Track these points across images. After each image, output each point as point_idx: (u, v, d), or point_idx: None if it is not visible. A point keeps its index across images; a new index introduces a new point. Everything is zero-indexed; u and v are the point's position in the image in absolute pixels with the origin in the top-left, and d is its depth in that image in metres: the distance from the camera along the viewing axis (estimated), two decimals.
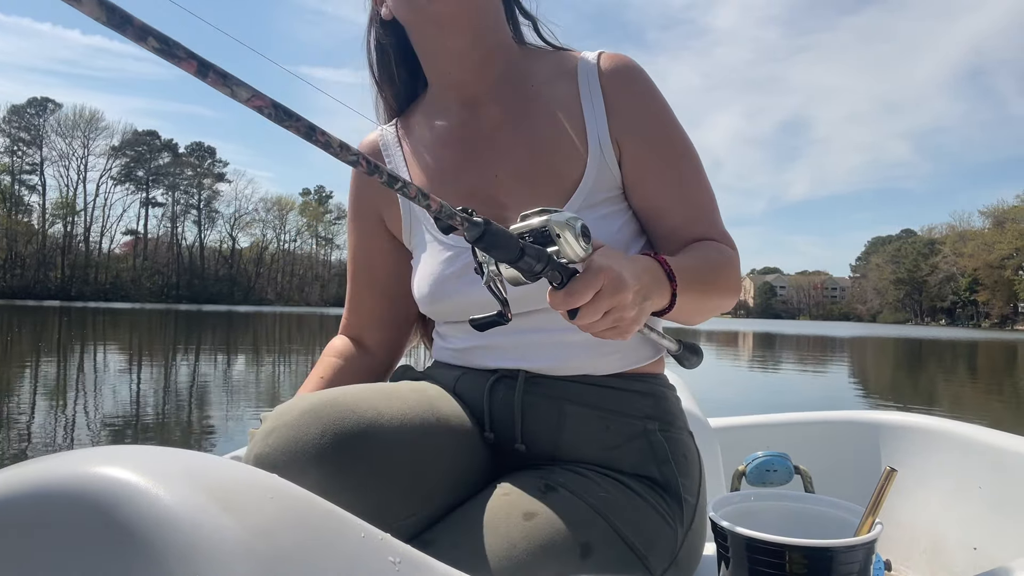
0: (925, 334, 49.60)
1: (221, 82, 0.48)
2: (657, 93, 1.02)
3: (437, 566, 0.53)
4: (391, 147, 1.11)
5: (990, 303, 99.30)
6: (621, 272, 0.74)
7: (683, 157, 1.01)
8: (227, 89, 0.49)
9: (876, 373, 13.19)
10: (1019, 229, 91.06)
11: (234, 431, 5.42)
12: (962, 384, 12.49)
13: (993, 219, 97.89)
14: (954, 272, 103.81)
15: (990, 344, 32.84)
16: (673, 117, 1.02)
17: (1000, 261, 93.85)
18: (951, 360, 19.58)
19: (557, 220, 0.70)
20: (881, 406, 8.04)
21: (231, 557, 0.42)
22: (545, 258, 0.70)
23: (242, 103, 0.50)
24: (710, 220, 1.01)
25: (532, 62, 1.06)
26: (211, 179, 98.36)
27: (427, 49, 1.03)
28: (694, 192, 1.01)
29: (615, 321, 0.76)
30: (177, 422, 5.81)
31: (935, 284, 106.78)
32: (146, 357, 12.15)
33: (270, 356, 13.22)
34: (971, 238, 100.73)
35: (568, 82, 1.02)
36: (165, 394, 7.50)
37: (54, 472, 0.46)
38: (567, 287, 0.72)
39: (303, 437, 0.76)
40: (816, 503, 0.79)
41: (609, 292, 0.73)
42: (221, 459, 0.53)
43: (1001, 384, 12.55)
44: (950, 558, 1.33)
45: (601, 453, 0.94)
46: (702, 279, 0.91)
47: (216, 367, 10.76)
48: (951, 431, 1.43)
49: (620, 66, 1.02)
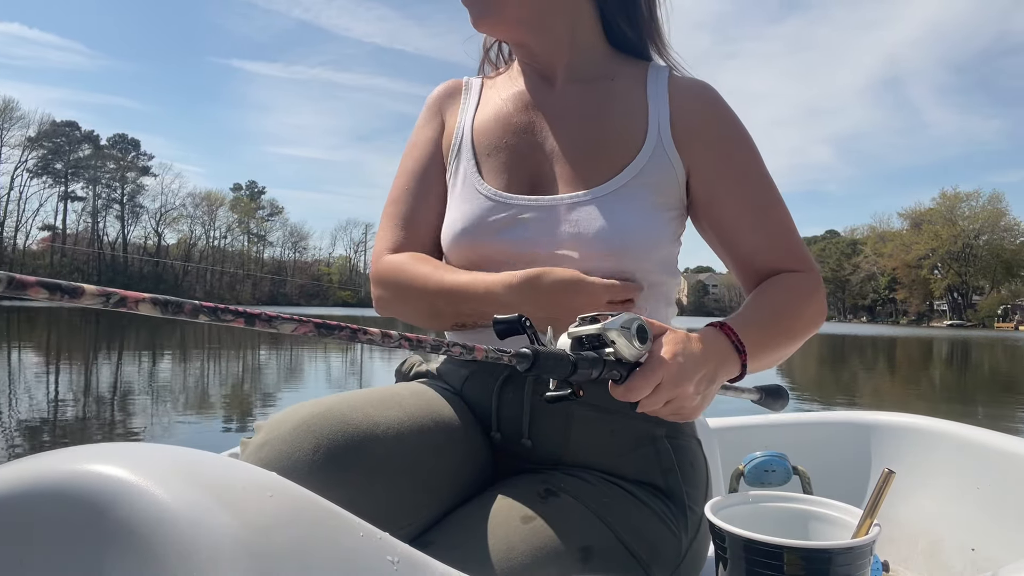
0: (848, 331, 51.69)
1: (268, 325, 0.56)
2: (731, 114, 1.04)
3: (436, 566, 0.53)
4: (471, 94, 1.15)
5: (908, 301, 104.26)
6: (684, 364, 0.75)
7: (760, 182, 1.01)
8: (274, 328, 0.56)
9: (802, 369, 13.64)
10: (935, 231, 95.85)
11: (161, 438, 5.20)
12: (882, 377, 13.05)
13: (911, 221, 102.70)
14: (874, 271, 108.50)
15: (907, 340, 34.45)
16: (748, 138, 1.03)
17: (917, 261, 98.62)
18: (872, 355, 20.45)
19: (610, 327, 0.71)
20: (806, 402, 8.31)
21: (230, 555, 0.42)
22: (600, 365, 0.71)
23: (289, 334, 0.58)
24: (788, 245, 1.00)
25: (615, 63, 1.09)
26: (135, 173, 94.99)
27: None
28: (771, 219, 1.00)
29: (677, 409, 0.78)
30: (99, 426, 5.55)
31: (857, 283, 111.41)
32: (64, 359, 11.60)
33: (198, 356, 12.81)
34: (890, 239, 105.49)
35: (638, 81, 1.06)
36: (85, 397, 7.16)
37: (49, 470, 0.45)
38: (627, 383, 0.73)
39: (295, 452, 0.76)
40: (814, 504, 0.78)
41: (669, 385, 0.74)
42: (219, 456, 0.52)
43: (919, 377, 13.16)
44: (948, 559, 1.34)
45: (606, 459, 0.94)
46: (773, 334, 0.91)
47: (140, 368, 10.36)
48: (950, 432, 1.44)
49: (694, 82, 1.06)
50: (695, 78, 1.07)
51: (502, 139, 1.05)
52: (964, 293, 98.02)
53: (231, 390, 8.12)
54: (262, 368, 10.98)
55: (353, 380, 9.64)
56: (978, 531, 1.29)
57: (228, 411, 6.53)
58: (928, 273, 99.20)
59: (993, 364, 17.82)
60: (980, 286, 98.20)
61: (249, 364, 11.49)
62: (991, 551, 1.26)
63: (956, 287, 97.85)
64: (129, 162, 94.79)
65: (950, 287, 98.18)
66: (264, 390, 8.27)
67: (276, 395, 7.67)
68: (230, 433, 5.36)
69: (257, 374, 10.13)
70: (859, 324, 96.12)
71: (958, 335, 48.39)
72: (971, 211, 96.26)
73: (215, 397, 7.37)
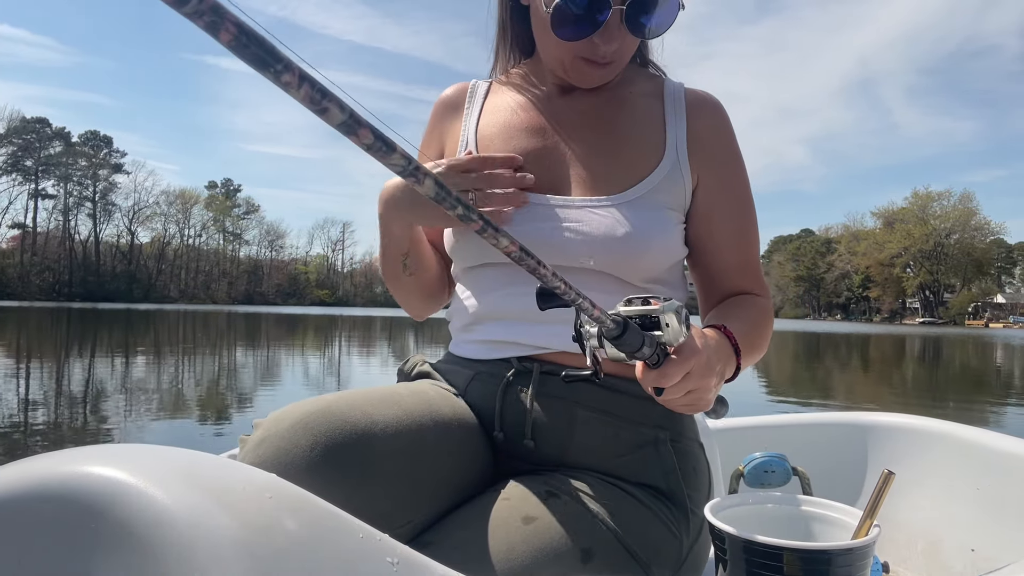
0: (823, 328, 52.37)
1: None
2: (735, 138, 1.07)
3: (435, 567, 0.52)
4: (476, 98, 1.13)
5: (881, 299, 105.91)
6: (710, 356, 0.77)
7: (748, 206, 1.07)
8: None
9: (778, 366, 13.78)
10: (907, 229, 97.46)
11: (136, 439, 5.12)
12: (855, 373, 13.22)
13: (884, 220, 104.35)
14: (848, 270, 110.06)
15: (880, 337, 34.99)
16: (742, 159, 1.08)
17: (890, 259, 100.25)
18: (847, 352, 20.72)
19: (667, 309, 0.72)
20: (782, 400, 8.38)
21: (229, 556, 0.42)
22: (655, 345, 0.72)
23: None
24: (755, 272, 1.07)
25: (629, 72, 1.10)
26: (107, 170, 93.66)
27: (549, 56, 1.04)
28: (749, 243, 1.06)
29: (694, 399, 0.79)
30: (71, 428, 5.45)
31: (831, 281, 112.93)
32: (35, 358, 11.40)
33: (172, 356, 12.65)
34: (864, 238, 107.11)
35: (655, 98, 1.07)
36: (57, 397, 7.04)
37: (48, 472, 0.45)
38: (660, 368, 0.74)
39: (293, 450, 0.76)
40: (814, 505, 0.78)
41: (697, 376, 0.76)
42: (218, 458, 0.52)
43: (891, 374, 13.35)
44: (948, 559, 1.34)
45: (608, 461, 0.93)
46: (753, 343, 0.95)
47: (113, 368, 10.21)
48: (949, 433, 1.44)
49: (708, 99, 1.07)
50: (707, 93, 1.08)
51: (510, 142, 1.05)
52: (936, 291, 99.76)
53: (205, 392, 8.02)
54: (238, 369, 10.87)
55: (331, 380, 9.56)
56: (978, 532, 1.29)
57: (204, 411, 6.45)
58: (901, 271, 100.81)
59: (964, 361, 18.14)
60: (951, 284, 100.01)
61: (225, 364, 11.37)
62: (991, 551, 1.26)
63: (928, 285, 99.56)
64: (101, 159, 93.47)
65: (922, 285, 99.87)
66: (240, 390, 8.18)
67: (253, 396, 7.59)
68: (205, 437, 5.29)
69: (233, 375, 10.02)
70: (833, 322, 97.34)
71: (930, 332, 49.25)
72: (942, 210, 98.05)
73: (190, 398, 7.28)
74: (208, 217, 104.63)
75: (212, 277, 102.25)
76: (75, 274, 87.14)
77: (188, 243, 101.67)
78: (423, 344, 13.57)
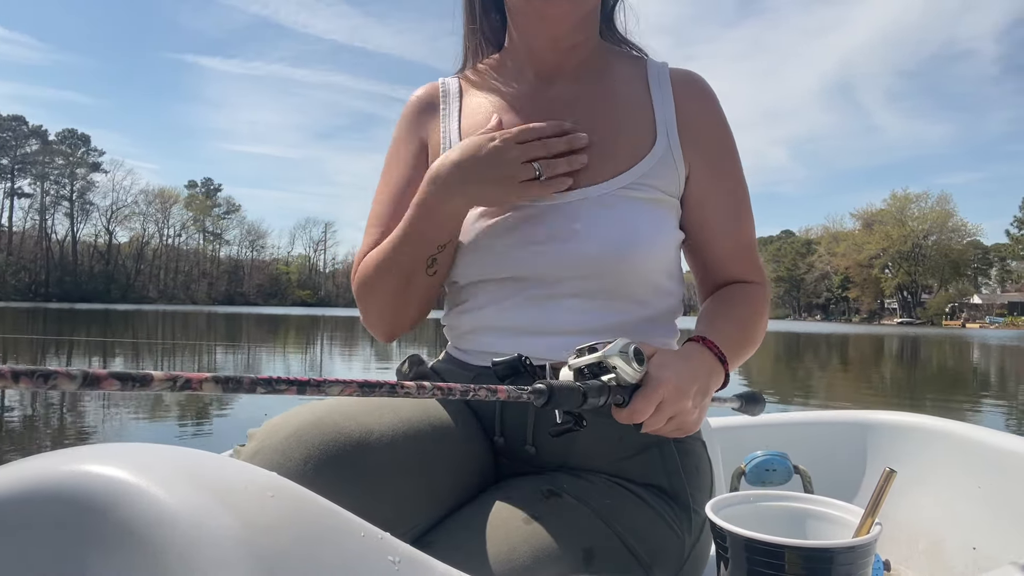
0: (803, 328, 52.80)
1: (317, 390, 0.55)
2: (725, 119, 1.05)
3: (437, 566, 0.53)
4: (451, 98, 1.09)
5: (860, 299, 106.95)
6: (679, 381, 0.78)
7: (741, 191, 1.04)
8: (323, 393, 0.55)
9: (759, 366, 13.87)
10: (885, 231, 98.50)
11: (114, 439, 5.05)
12: (834, 373, 13.34)
13: (863, 221, 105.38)
14: (828, 271, 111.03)
15: (860, 337, 35.34)
16: (735, 146, 1.05)
17: (869, 260, 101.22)
18: (827, 352, 20.91)
19: (610, 354, 0.74)
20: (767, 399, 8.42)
21: (231, 555, 0.42)
22: (605, 391, 0.73)
23: (336, 396, 0.57)
24: (751, 257, 1.05)
25: (610, 56, 1.07)
26: (85, 169, 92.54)
27: (522, 27, 1.02)
28: (744, 229, 1.04)
29: (679, 424, 0.80)
30: (47, 428, 5.37)
31: (811, 282, 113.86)
32: (11, 358, 11.23)
33: (151, 356, 12.51)
34: (843, 239, 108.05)
35: (639, 80, 1.04)
36: (33, 399, 6.93)
37: (50, 471, 0.45)
38: (630, 406, 0.76)
39: (286, 463, 0.76)
40: (815, 503, 0.78)
41: (670, 402, 0.77)
42: (220, 457, 0.51)
43: (869, 373, 13.49)
44: (950, 558, 1.34)
45: (611, 463, 0.93)
46: (742, 343, 0.95)
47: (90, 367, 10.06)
48: (951, 431, 1.44)
49: (695, 80, 1.05)
50: (693, 73, 1.05)
51: None
52: (914, 292, 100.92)
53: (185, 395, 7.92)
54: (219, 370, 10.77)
55: None
56: (979, 530, 1.29)
57: (183, 413, 6.37)
58: (879, 272, 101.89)
59: (941, 360, 18.36)
60: (929, 285, 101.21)
61: (206, 365, 11.26)
62: (992, 550, 1.26)
63: (906, 286, 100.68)
64: (79, 158, 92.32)
65: (900, 286, 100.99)
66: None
67: (233, 399, 7.52)
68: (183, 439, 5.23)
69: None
70: (813, 322, 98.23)
71: (908, 332, 49.79)
72: (920, 212, 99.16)
73: (169, 400, 7.20)
74: (188, 217, 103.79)
75: (192, 277, 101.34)
76: (52, 274, 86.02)
77: (167, 243, 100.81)
78: (406, 346, 13.54)
